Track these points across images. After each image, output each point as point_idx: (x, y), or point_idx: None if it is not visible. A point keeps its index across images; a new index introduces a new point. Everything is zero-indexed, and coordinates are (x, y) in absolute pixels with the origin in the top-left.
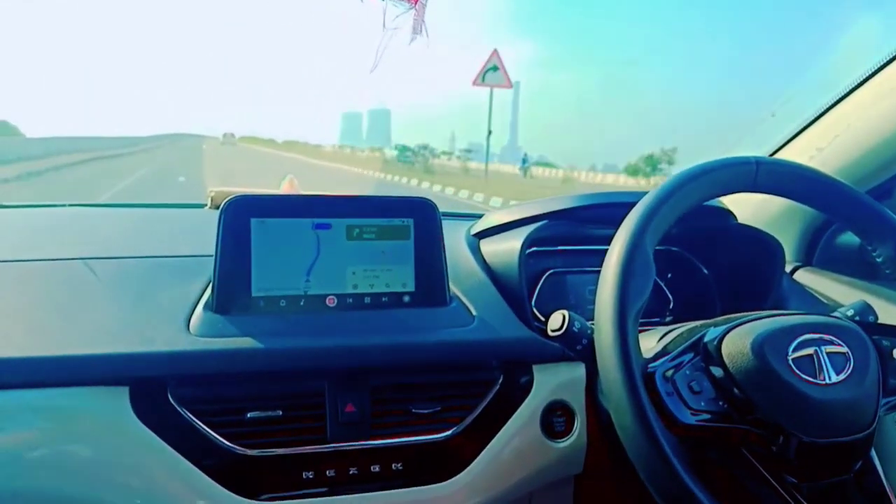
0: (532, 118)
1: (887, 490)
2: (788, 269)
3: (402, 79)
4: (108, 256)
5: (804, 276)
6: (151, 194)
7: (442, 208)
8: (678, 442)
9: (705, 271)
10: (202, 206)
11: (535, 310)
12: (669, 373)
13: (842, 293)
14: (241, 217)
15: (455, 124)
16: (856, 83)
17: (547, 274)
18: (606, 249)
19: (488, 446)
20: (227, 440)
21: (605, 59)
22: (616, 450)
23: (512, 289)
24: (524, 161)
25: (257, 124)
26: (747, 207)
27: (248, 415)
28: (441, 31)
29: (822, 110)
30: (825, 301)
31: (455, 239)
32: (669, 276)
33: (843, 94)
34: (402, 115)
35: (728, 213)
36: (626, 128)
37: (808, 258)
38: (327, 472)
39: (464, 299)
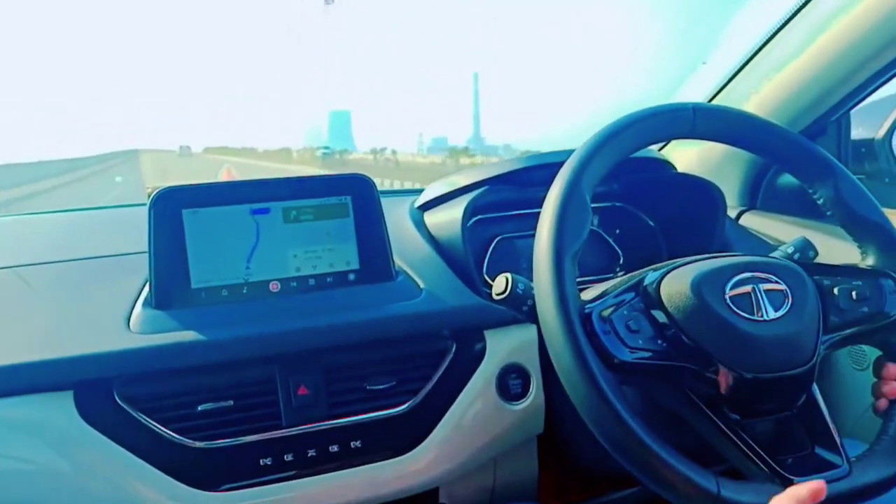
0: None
1: (830, 425)
2: (733, 213)
3: (363, 81)
4: (41, 262)
5: (750, 220)
6: None
7: None
8: (615, 380)
9: (651, 224)
10: (142, 205)
11: (486, 277)
12: (606, 312)
13: (787, 232)
14: (171, 209)
15: (421, 121)
16: (781, 23)
17: (497, 240)
18: None
19: (446, 415)
20: (180, 435)
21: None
22: (567, 407)
23: (457, 258)
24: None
25: (216, 134)
26: (689, 157)
27: (199, 407)
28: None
29: (752, 53)
30: (770, 242)
31: (399, 214)
32: (617, 231)
33: (770, 34)
34: (363, 117)
35: (667, 164)
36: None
37: (752, 202)
38: (285, 457)
39: (410, 272)
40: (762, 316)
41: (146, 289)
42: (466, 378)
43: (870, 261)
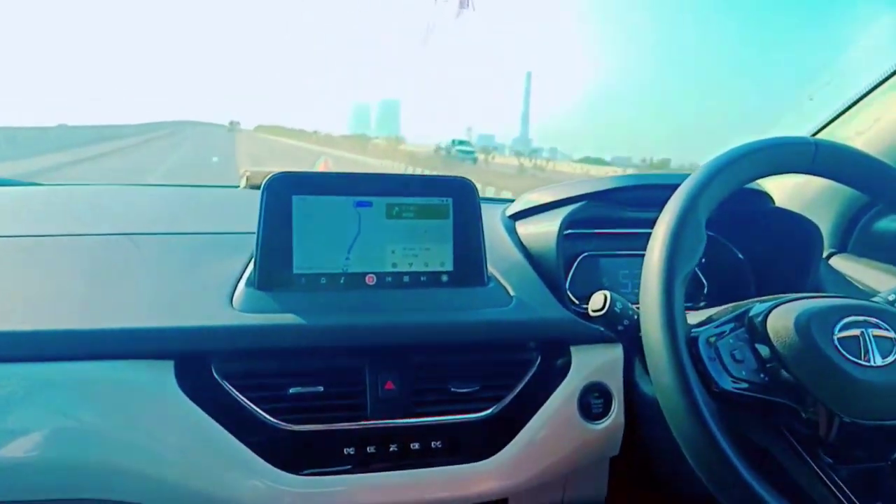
0: (545, 110)
1: None
2: (824, 255)
3: (413, 70)
4: (152, 232)
5: (839, 263)
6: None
7: None
8: (716, 407)
9: (740, 256)
10: (235, 186)
11: (568, 292)
12: (713, 339)
13: (878, 280)
14: (283, 194)
15: (468, 116)
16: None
17: (581, 257)
18: (640, 233)
19: (527, 426)
20: (270, 415)
21: (620, 52)
22: (653, 431)
23: (549, 270)
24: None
25: (264, 115)
26: (783, 191)
27: (290, 390)
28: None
29: (862, 93)
30: (861, 288)
31: (491, 221)
32: (703, 260)
33: (883, 77)
34: (411, 107)
35: (766, 196)
36: (641, 122)
37: (843, 245)
38: (368, 449)
39: (501, 280)
40: (869, 361)
41: (249, 268)
42: (549, 392)
43: None
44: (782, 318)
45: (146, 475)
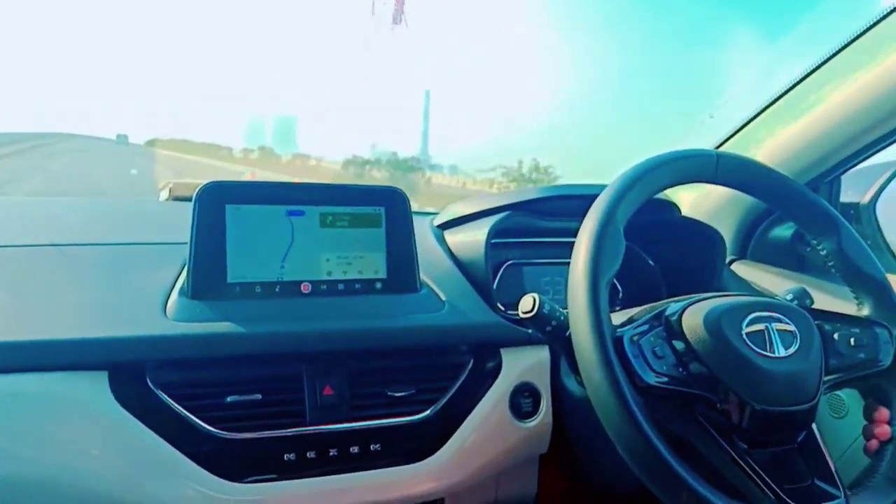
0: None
1: (828, 460)
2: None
3: (312, 85)
4: (80, 243)
5: (739, 268)
6: None
7: None
8: (643, 402)
9: (651, 262)
10: (153, 200)
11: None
12: (636, 338)
13: (774, 283)
14: (216, 203)
15: (371, 133)
16: (787, 87)
17: (505, 265)
18: (561, 241)
19: (462, 426)
20: (208, 424)
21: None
22: (579, 428)
23: (478, 277)
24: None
25: (154, 128)
26: (686, 201)
27: (228, 398)
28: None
29: (758, 111)
30: (761, 291)
31: (421, 231)
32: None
33: (775, 96)
34: (310, 123)
35: (673, 206)
36: (539, 144)
37: (742, 251)
38: (308, 454)
39: (433, 286)
40: (774, 353)
41: (181, 278)
42: (481, 393)
43: (865, 311)
44: (695, 315)
45: (82, 488)
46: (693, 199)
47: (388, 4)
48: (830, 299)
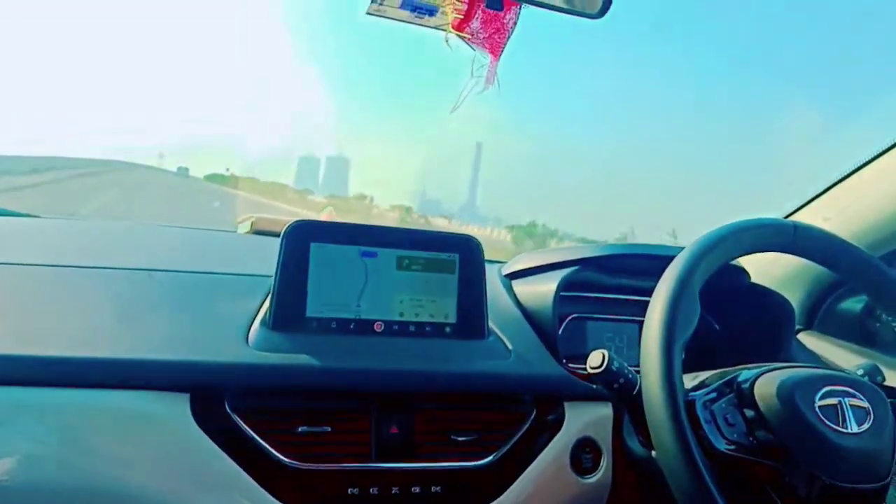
0: (492, 180)
1: None
2: None
3: (364, 131)
4: (169, 269)
5: (806, 339)
6: None
7: None
8: (714, 469)
9: (717, 327)
10: (233, 231)
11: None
12: (708, 402)
13: (842, 357)
14: (302, 240)
15: (416, 180)
16: (864, 161)
17: (569, 318)
18: (626, 299)
19: (521, 476)
20: (279, 452)
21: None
22: (640, 488)
23: (545, 328)
24: None
25: (206, 162)
26: (753, 267)
27: (300, 429)
28: (406, 92)
29: (833, 182)
30: (828, 364)
31: (489, 278)
32: None
33: (851, 170)
34: (359, 166)
35: (743, 272)
36: (580, 196)
37: (809, 322)
38: (370, 490)
39: (500, 334)
40: (846, 428)
41: (263, 309)
42: (543, 444)
43: None
44: (769, 385)
45: (155, 502)
46: (760, 266)
47: (484, 66)
48: None
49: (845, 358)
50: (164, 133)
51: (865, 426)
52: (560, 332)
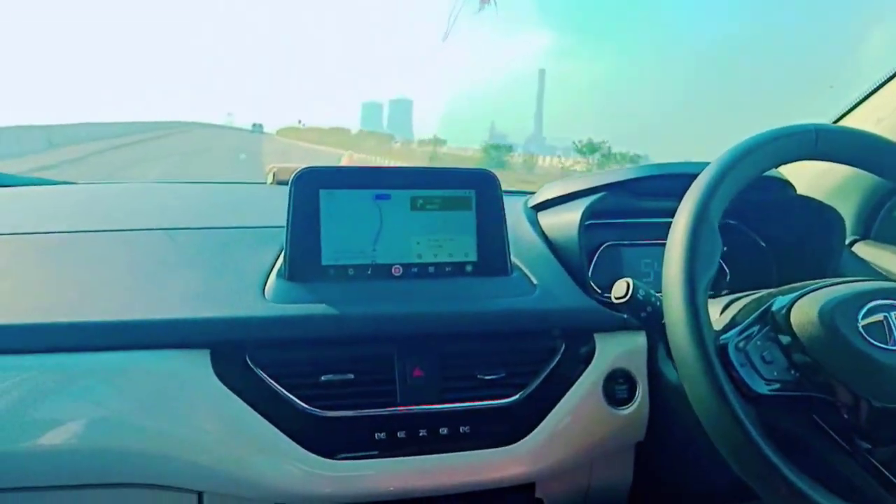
0: (557, 108)
1: None
2: (846, 242)
3: (425, 69)
4: (185, 227)
5: (862, 250)
6: None
7: None
8: (755, 413)
9: (762, 244)
10: (263, 183)
11: (591, 282)
12: (742, 344)
13: None
14: (310, 188)
15: (483, 115)
16: None
17: (603, 246)
18: (660, 222)
19: (552, 412)
20: (304, 402)
21: (626, 48)
22: (678, 417)
23: (571, 259)
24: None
25: (274, 115)
26: (803, 179)
27: (322, 377)
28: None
29: (882, 81)
30: (885, 274)
31: (513, 212)
32: (725, 248)
33: None
34: (423, 107)
35: (787, 185)
36: (650, 114)
37: (866, 231)
38: (398, 434)
39: (525, 269)
40: (894, 345)
41: (279, 261)
42: (574, 378)
43: None
44: (805, 311)
45: (185, 461)
46: (811, 177)
47: None
48: None
49: None
50: (230, 92)
51: None
52: (595, 260)
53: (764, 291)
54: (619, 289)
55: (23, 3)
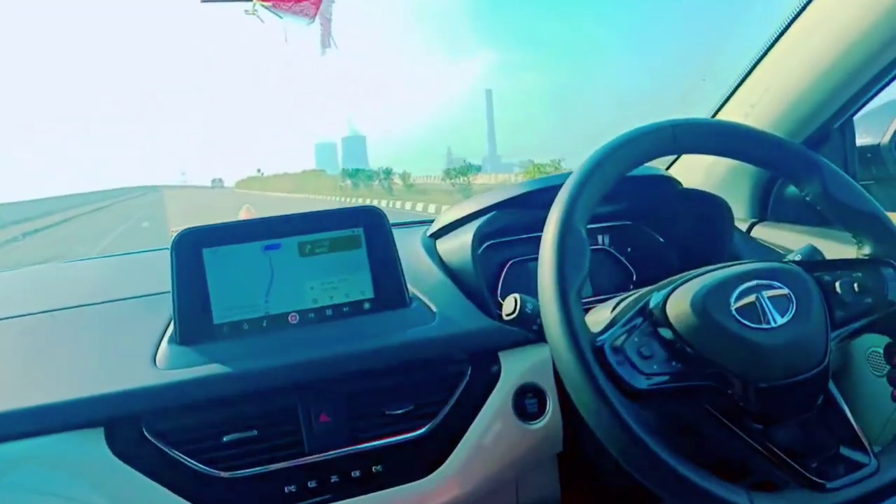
0: (509, 126)
1: (852, 423)
2: (745, 226)
3: (375, 104)
4: (71, 306)
5: (761, 231)
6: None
7: None
8: (638, 409)
9: (661, 240)
10: (166, 249)
11: (500, 300)
12: (618, 342)
13: (798, 241)
14: (193, 248)
15: (439, 141)
16: (775, 35)
17: (510, 263)
18: None
19: (465, 436)
20: (207, 465)
21: (568, 58)
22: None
23: (469, 282)
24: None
25: (229, 166)
26: (696, 173)
27: (224, 438)
28: (400, 50)
29: (749, 67)
30: (781, 252)
31: (412, 243)
32: (629, 250)
33: (765, 48)
34: (377, 140)
35: (671, 180)
36: (601, 121)
37: (762, 213)
38: (308, 484)
39: (424, 299)
40: (770, 323)
41: (171, 326)
42: (483, 399)
43: (866, 250)
44: (679, 302)
45: None
46: (703, 170)
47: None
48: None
49: (801, 241)
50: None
51: (789, 315)
52: (503, 278)
53: (646, 289)
54: (508, 305)
55: None
